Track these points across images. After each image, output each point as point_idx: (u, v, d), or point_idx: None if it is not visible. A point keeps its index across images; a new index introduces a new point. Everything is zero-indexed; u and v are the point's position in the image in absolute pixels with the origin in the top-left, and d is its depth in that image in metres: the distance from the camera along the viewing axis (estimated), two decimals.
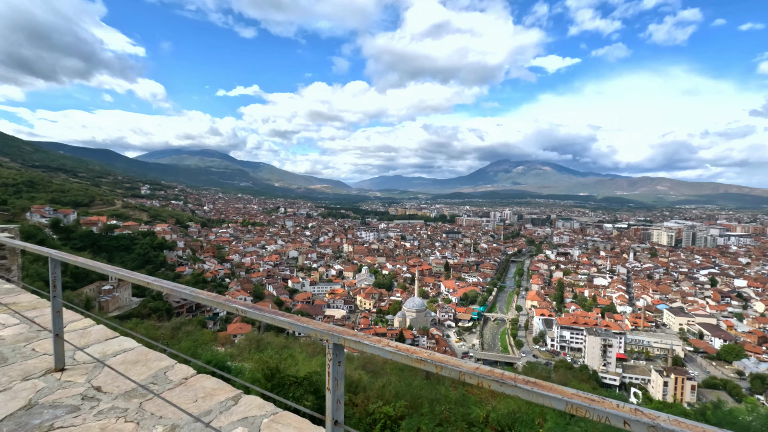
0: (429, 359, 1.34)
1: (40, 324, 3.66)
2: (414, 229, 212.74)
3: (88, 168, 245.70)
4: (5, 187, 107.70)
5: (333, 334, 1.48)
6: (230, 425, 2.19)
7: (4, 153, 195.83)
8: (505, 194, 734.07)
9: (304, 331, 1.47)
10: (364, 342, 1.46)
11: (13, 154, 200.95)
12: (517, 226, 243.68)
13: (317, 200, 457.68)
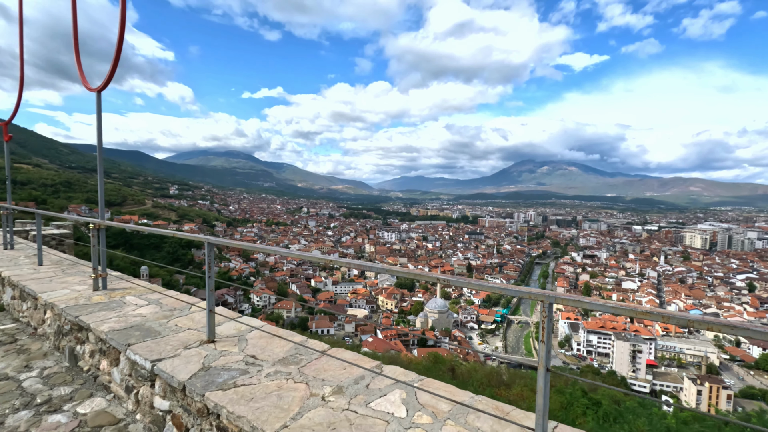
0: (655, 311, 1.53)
1: (166, 304, 4.32)
2: (436, 230, 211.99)
3: (120, 169, 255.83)
4: (45, 187, 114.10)
5: (547, 296, 1.80)
6: (387, 387, 2.55)
7: (43, 155, 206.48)
8: (529, 195, 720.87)
9: (518, 295, 1.97)
10: (577, 299, 1.75)
11: (52, 156, 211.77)
12: (541, 227, 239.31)
13: (339, 200, 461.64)
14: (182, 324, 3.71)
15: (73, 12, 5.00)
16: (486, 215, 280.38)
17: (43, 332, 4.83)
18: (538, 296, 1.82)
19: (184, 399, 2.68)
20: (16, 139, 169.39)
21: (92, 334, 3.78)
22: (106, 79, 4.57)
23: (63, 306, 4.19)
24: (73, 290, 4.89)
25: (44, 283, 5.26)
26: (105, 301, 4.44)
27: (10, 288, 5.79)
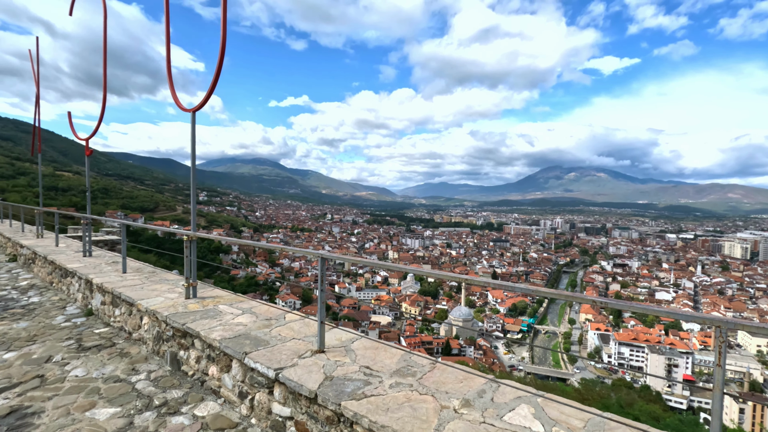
0: None
1: (260, 313, 4.55)
2: (460, 237, 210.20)
3: (153, 176, 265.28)
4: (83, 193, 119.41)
5: (724, 322, 1.75)
6: (511, 401, 2.60)
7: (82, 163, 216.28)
8: (556, 202, 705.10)
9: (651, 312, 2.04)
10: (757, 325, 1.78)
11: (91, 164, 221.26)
12: (569, 235, 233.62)
13: (363, 207, 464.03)
14: (284, 333, 3.92)
15: (167, 47, 5.38)
16: (511, 222, 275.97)
17: (139, 337, 5.17)
18: (712, 321, 1.85)
19: (310, 406, 2.87)
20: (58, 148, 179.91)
21: (198, 340, 4.05)
22: (201, 102, 4.90)
23: (166, 314, 4.48)
24: (167, 298, 5.22)
25: (136, 290, 5.62)
26: (201, 309, 4.72)
27: (100, 294, 6.20)
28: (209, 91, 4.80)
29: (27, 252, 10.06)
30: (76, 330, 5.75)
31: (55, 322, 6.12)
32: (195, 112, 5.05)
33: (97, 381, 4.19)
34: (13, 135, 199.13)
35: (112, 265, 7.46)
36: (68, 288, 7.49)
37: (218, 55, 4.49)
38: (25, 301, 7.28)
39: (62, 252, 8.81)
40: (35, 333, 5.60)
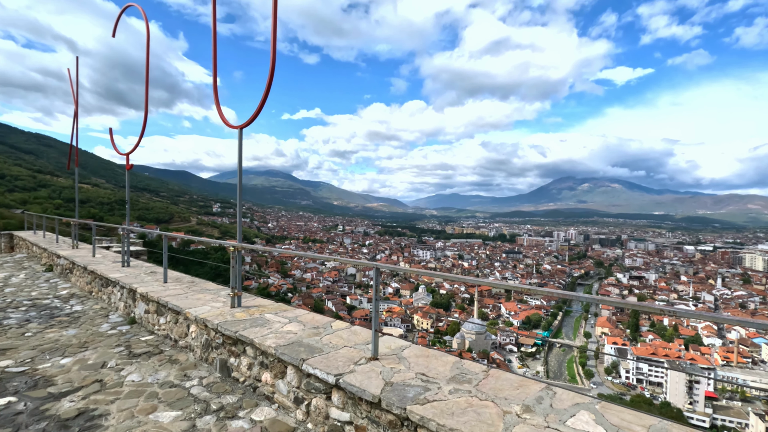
0: None
1: (306, 322, 4.71)
2: (472, 249, 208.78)
3: (168, 188, 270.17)
4: (101, 205, 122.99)
5: None
6: (570, 408, 2.68)
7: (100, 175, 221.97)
8: (570, 213, 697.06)
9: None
10: None
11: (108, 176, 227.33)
12: (583, 246, 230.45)
13: (374, 218, 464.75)
14: (335, 342, 4.08)
15: (214, 74, 5.68)
16: (524, 234, 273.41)
17: (186, 344, 5.37)
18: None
19: (371, 411, 3.00)
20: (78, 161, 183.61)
21: (251, 348, 4.22)
22: (249, 119, 5.16)
23: (217, 322, 4.68)
24: (213, 307, 5.42)
25: (181, 299, 5.85)
26: (249, 318, 4.91)
27: (144, 303, 6.44)
28: (257, 110, 5.05)
29: (64, 262, 10.43)
30: (123, 337, 5.99)
31: (101, 329, 6.38)
32: (242, 129, 5.31)
33: (153, 386, 4.38)
34: (35, 148, 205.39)
35: (151, 275, 7.73)
36: (109, 297, 7.78)
37: (267, 79, 4.76)
38: (68, 309, 7.57)
39: (100, 262, 9.14)
40: (85, 340, 5.85)
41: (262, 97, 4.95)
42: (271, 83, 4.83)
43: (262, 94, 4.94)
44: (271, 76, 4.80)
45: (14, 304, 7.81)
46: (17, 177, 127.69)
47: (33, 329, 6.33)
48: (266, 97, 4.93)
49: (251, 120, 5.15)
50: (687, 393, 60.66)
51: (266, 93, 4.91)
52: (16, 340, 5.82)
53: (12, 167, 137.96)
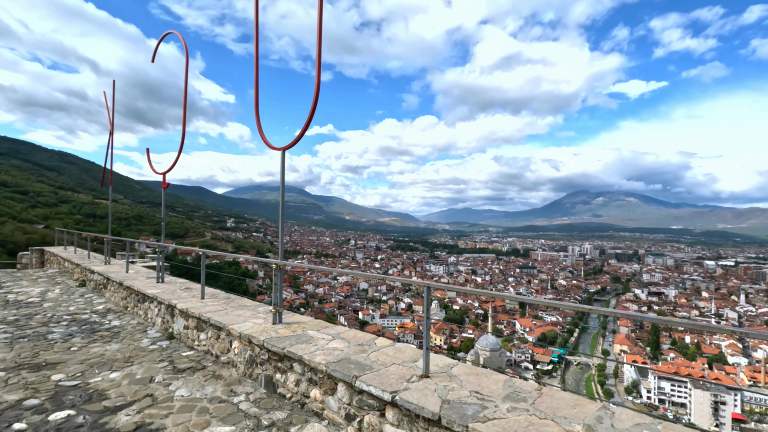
0: None
1: (349, 338, 4.82)
2: (485, 263, 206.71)
3: (183, 203, 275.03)
4: (119, 220, 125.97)
5: None
6: (632, 427, 2.70)
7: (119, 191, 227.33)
8: (584, 227, 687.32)
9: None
10: None
11: (126, 192, 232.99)
12: (599, 261, 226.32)
13: (386, 233, 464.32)
14: (382, 359, 4.16)
15: (256, 98, 5.95)
16: (538, 248, 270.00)
17: (228, 360, 5.50)
18: None
19: (428, 428, 3.06)
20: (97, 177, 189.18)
21: (298, 364, 4.33)
22: (292, 142, 5.37)
23: (263, 338, 4.80)
24: (255, 323, 5.56)
25: (222, 315, 6.00)
26: (292, 334, 5.03)
27: (183, 318, 6.62)
28: (301, 132, 5.26)
29: (98, 278, 10.74)
30: (164, 353, 6.15)
31: (142, 344, 6.55)
32: (284, 151, 5.52)
33: (203, 401, 4.50)
34: (58, 165, 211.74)
35: (187, 291, 7.92)
36: (146, 312, 7.98)
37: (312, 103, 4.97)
38: (107, 324, 7.80)
39: (135, 278, 9.40)
40: (129, 355, 6.02)
41: (306, 121, 5.16)
42: (314, 109, 5.03)
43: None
44: (315, 103, 5.01)
45: (55, 319, 8.07)
46: (40, 193, 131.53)
47: (77, 344, 6.54)
48: (310, 122, 5.14)
49: (294, 143, 5.35)
50: (713, 414, 58.48)
51: (310, 117, 5.12)
52: (64, 354, 6.02)
53: (35, 184, 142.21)
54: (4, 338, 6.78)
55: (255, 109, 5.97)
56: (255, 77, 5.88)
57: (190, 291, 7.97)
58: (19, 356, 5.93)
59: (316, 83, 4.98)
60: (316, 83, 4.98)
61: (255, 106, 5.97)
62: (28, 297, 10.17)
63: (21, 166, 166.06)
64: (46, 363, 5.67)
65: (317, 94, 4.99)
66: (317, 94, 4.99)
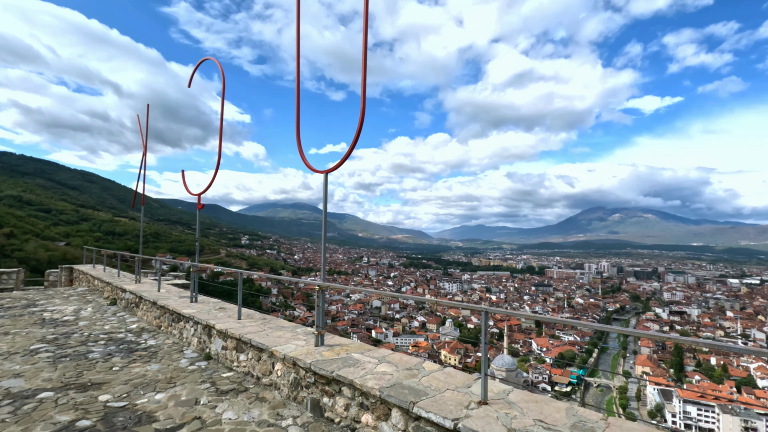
0: None
1: (396, 362, 4.78)
2: (499, 281, 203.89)
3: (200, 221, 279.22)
4: (137, 238, 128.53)
5: None
6: None
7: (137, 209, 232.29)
8: (601, 244, 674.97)
9: None
10: None
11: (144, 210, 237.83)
12: (617, 279, 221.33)
13: (399, 250, 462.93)
14: (434, 384, 4.13)
15: (297, 127, 6.12)
16: (553, 266, 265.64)
17: (270, 382, 5.51)
18: None
19: None
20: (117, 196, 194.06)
21: (348, 388, 4.32)
22: (334, 166, 5.49)
23: (309, 361, 4.82)
24: (296, 345, 5.58)
25: (262, 336, 6.04)
26: (337, 357, 5.03)
27: (221, 339, 6.67)
28: (344, 157, 5.38)
29: (130, 296, 10.93)
30: (204, 373, 6.20)
31: (181, 365, 6.61)
32: (327, 174, 5.63)
33: (251, 424, 4.51)
34: (80, 184, 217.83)
35: (222, 311, 8.01)
36: (180, 332, 8.08)
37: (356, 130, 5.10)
38: (144, 344, 7.90)
39: (168, 297, 9.54)
40: (170, 375, 6.08)
41: (351, 145, 5.28)
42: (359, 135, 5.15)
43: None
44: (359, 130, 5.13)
45: (92, 338, 8.21)
46: (62, 211, 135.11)
47: (118, 363, 6.63)
48: (354, 145, 5.25)
49: (337, 166, 5.47)
50: None
51: (354, 142, 5.24)
52: (107, 374, 6.11)
53: (58, 202, 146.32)
54: (47, 357, 6.92)
55: (297, 137, 6.13)
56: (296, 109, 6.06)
57: (225, 311, 8.06)
58: (64, 375, 6.04)
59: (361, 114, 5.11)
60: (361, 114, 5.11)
61: (297, 135, 6.13)
62: (63, 315, 10.38)
63: (45, 185, 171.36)
64: (91, 383, 5.76)
65: (361, 122, 5.11)
66: (361, 122, 5.11)
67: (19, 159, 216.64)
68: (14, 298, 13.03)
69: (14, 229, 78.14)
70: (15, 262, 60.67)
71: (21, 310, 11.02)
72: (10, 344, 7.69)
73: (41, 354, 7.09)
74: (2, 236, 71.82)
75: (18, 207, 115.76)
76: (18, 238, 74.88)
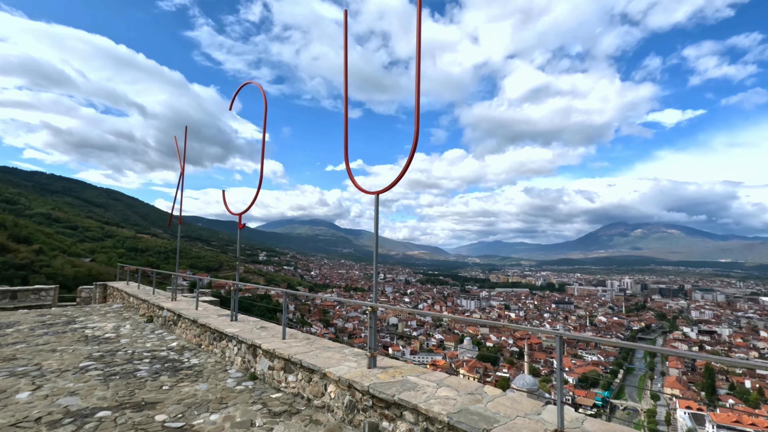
0: None
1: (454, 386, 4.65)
2: (518, 298, 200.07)
3: (218, 237, 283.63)
4: (158, 254, 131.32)
5: None
6: None
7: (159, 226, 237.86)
8: (623, 260, 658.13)
9: None
10: None
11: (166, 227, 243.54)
12: (641, 296, 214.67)
13: (415, 266, 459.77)
14: (502, 410, 4.05)
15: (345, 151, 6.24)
16: (574, 282, 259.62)
17: (322, 404, 5.49)
18: None
19: None
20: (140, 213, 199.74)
21: (410, 413, 4.26)
22: (387, 186, 5.55)
23: (367, 384, 4.79)
24: (349, 366, 5.56)
25: (311, 357, 6.04)
26: (394, 380, 4.98)
27: (267, 359, 6.70)
28: (397, 179, 5.44)
29: (167, 314, 11.11)
30: (253, 394, 6.21)
31: (228, 385, 6.65)
32: (378, 195, 5.70)
33: None
34: (105, 202, 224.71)
35: (263, 330, 8.06)
36: (223, 351, 8.14)
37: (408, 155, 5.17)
38: (187, 362, 7.99)
39: (207, 316, 9.66)
40: (221, 396, 6.11)
41: (403, 168, 5.34)
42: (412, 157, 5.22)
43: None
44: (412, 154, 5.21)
45: (137, 356, 8.35)
46: (88, 228, 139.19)
47: (167, 382, 6.71)
48: (407, 168, 5.32)
49: (389, 187, 5.53)
50: None
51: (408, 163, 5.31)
52: (158, 393, 6.19)
53: (84, 219, 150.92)
54: (97, 375, 7.05)
55: (345, 159, 6.23)
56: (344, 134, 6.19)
57: (267, 330, 8.11)
58: (117, 394, 6.14)
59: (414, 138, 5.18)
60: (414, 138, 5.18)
61: (345, 157, 6.24)
62: (104, 333, 10.60)
63: (73, 203, 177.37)
64: (144, 402, 5.83)
65: (415, 145, 5.18)
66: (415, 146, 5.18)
67: (49, 178, 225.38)
68: (54, 315, 13.40)
69: (43, 245, 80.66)
70: (43, 277, 62.49)
71: (63, 327, 11.31)
72: (59, 361, 7.88)
73: (91, 372, 7.23)
74: (32, 252, 74.11)
75: (47, 224, 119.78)
76: (46, 254, 77.22)
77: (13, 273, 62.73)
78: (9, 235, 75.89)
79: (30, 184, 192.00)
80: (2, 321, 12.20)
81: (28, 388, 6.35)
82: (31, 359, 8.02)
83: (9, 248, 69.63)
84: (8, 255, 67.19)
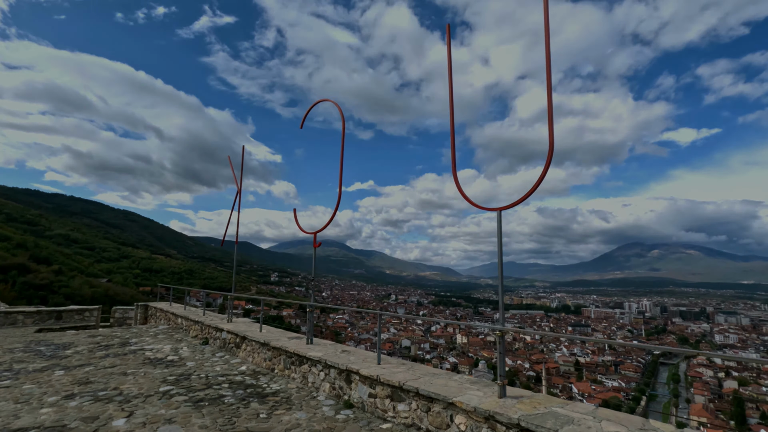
0: None
1: (603, 416, 4.35)
2: (533, 321, 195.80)
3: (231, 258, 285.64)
4: (173, 275, 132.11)
5: None
6: None
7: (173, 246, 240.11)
8: (641, 282, 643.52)
9: None
10: None
11: (179, 248, 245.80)
12: (661, 319, 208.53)
13: (427, 287, 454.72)
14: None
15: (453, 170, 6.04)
16: (590, 304, 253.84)
17: None
18: None
19: None
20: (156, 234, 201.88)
21: None
22: (512, 203, 5.30)
23: (516, 416, 4.40)
24: (477, 395, 5.19)
25: (426, 384, 5.66)
26: (537, 411, 4.59)
27: (366, 386, 6.34)
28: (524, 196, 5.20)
29: (227, 336, 10.82)
30: (360, 424, 5.83)
31: (326, 413, 6.28)
32: (501, 212, 5.44)
33: None
34: (122, 223, 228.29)
35: (346, 354, 7.71)
36: (304, 376, 7.79)
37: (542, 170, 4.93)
38: (267, 388, 7.64)
39: (277, 338, 9.35)
40: (327, 426, 5.74)
41: (530, 190, 5.10)
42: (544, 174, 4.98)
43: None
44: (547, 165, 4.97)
45: (213, 381, 8.03)
46: (105, 249, 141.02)
47: (260, 410, 6.37)
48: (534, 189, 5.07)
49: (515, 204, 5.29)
50: None
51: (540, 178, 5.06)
52: (259, 422, 5.84)
53: (102, 240, 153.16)
54: (184, 401, 6.74)
55: (454, 176, 6.03)
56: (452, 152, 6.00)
57: (350, 354, 7.76)
58: (216, 422, 5.81)
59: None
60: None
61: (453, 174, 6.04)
62: (165, 355, 10.33)
63: (90, 224, 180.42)
64: None
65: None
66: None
67: (68, 200, 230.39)
68: (105, 336, 13.20)
69: (62, 266, 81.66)
70: (62, 297, 62.97)
71: (121, 349, 11.07)
72: (137, 386, 7.60)
73: (177, 397, 6.93)
74: (51, 273, 74.99)
75: (66, 245, 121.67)
76: (65, 274, 78.12)
77: (32, 293, 63.30)
78: (30, 255, 77.09)
79: (50, 205, 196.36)
80: (57, 342, 12.03)
81: (120, 414, 6.07)
82: (106, 383, 7.76)
83: (30, 269, 70.58)
84: (29, 275, 68.04)
